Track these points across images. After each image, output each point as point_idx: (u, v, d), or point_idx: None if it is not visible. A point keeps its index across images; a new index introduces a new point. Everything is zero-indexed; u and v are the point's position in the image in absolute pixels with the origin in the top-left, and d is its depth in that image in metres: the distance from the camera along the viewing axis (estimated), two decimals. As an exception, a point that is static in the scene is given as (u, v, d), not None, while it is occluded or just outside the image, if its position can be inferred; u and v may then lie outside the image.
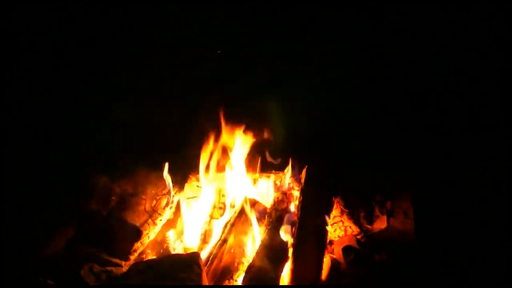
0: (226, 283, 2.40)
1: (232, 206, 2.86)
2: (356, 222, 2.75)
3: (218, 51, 2.95)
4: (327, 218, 2.55)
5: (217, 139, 3.05)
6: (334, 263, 2.56)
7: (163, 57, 3.60)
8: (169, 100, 3.49)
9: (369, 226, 2.76)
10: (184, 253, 2.64)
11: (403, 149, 3.21)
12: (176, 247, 2.76)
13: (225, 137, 3.05)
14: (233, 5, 3.58)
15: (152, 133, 3.29)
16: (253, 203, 2.77)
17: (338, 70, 3.47)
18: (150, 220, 2.78)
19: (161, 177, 2.95)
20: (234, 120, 3.08)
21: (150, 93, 3.52)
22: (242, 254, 2.52)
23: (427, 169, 3.07)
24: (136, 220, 2.74)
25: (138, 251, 2.69)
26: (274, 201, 2.80)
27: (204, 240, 2.71)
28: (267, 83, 3.56)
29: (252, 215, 2.67)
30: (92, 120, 3.29)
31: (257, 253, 2.36)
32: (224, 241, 2.49)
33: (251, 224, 2.65)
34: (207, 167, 3.00)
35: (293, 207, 2.75)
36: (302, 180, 2.74)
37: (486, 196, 2.81)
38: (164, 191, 2.95)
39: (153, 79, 3.57)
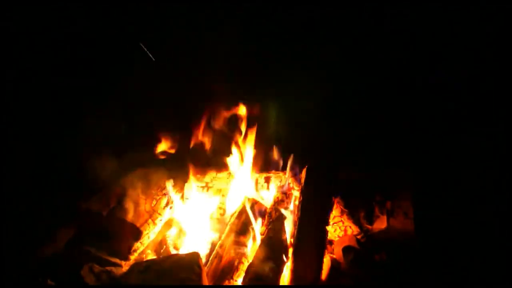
0: (226, 283, 2.40)
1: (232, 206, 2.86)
2: (356, 222, 2.75)
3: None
4: (327, 218, 2.55)
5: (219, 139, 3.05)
6: (334, 263, 2.56)
7: (163, 57, 3.60)
8: (170, 100, 3.49)
9: (369, 226, 2.76)
10: (184, 253, 2.63)
11: (403, 149, 3.21)
12: (176, 247, 2.76)
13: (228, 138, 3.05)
14: (233, 5, 3.58)
15: (152, 132, 3.29)
16: (253, 203, 2.77)
17: (338, 70, 3.47)
18: (150, 220, 2.78)
19: (161, 177, 2.95)
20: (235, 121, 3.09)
21: (151, 93, 3.52)
22: (242, 254, 2.52)
23: (427, 169, 3.07)
24: (136, 220, 2.74)
25: (138, 251, 2.69)
26: (274, 201, 2.80)
27: (204, 240, 2.71)
28: (267, 84, 3.56)
29: (252, 215, 2.67)
30: (91, 120, 3.28)
31: (257, 253, 2.36)
32: (224, 241, 2.49)
33: (251, 224, 2.64)
34: (208, 167, 3.00)
35: (293, 207, 2.75)
36: (302, 180, 2.74)
37: (486, 196, 2.81)
38: (164, 191, 2.95)
39: (153, 79, 3.57)
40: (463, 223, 2.69)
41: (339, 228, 2.75)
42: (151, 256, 2.74)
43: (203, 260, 2.34)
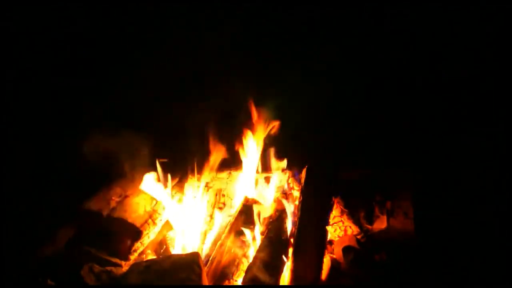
0: (226, 283, 2.40)
1: (232, 206, 2.86)
2: (356, 222, 2.75)
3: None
4: (327, 218, 2.55)
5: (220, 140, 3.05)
6: (334, 263, 2.56)
7: (163, 56, 3.60)
8: (170, 100, 3.50)
9: (369, 226, 2.76)
10: (184, 253, 2.64)
11: (403, 149, 3.21)
12: (176, 247, 2.76)
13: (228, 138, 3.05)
14: (233, 5, 3.59)
15: (152, 132, 3.29)
16: (253, 203, 2.76)
17: (339, 70, 3.47)
18: (150, 220, 2.78)
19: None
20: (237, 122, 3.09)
21: (151, 93, 3.52)
22: (242, 254, 2.52)
23: (427, 169, 3.07)
24: (136, 220, 2.74)
25: (138, 251, 2.69)
26: (274, 201, 2.80)
27: (204, 240, 2.71)
28: (267, 83, 3.55)
29: (252, 215, 2.67)
30: (91, 120, 3.29)
31: (257, 253, 2.36)
32: (224, 241, 2.49)
33: (251, 224, 2.64)
34: (208, 167, 3.00)
35: (293, 207, 2.75)
36: (302, 180, 2.74)
37: (486, 196, 2.81)
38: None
39: (153, 78, 3.57)
40: (463, 223, 2.69)
41: (339, 228, 2.75)
42: (151, 256, 2.75)
43: (203, 260, 2.34)
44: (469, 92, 3.32)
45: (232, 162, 3.07)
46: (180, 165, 3.08)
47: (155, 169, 2.94)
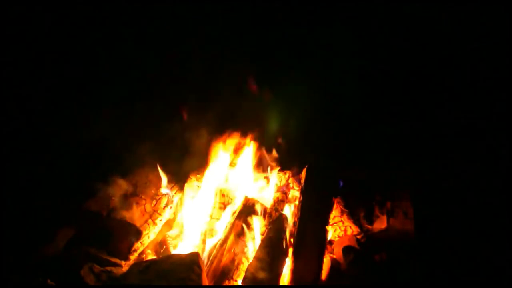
0: (226, 283, 2.40)
1: (232, 206, 2.86)
2: (356, 222, 2.75)
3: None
4: (327, 218, 2.55)
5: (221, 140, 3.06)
6: (334, 263, 2.56)
7: (164, 57, 3.61)
8: (170, 101, 3.50)
9: (369, 226, 2.76)
10: (184, 253, 2.63)
11: (403, 149, 3.21)
12: (176, 247, 2.76)
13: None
14: (233, 3, 3.59)
15: (152, 133, 3.29)
16: (253, 203, 2.76)
17: (338, 70, 3.47)
18: (150, 220, 2.78)
19: (161, 178, 2.95)
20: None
21: (151, 93, 3.52)
22: (242, 254, 2.52)
23: (426, 169, 3.07)
24: (136, 220, 2.74)
25: (138, 251, 2.69)
26: (274, 201, 2.80)
27: (204, 240, 2.71)
28: (267, 83, 3.56)
29: (252, 215, 2.66)
30: (92, 120, 3.29)
31: (257, 253, 2.36)
32: (224, 241, 2.49)
33: (251, 224, 2.64)
34: (208, 167, 3.01)
35: (293, 207, 2.75)
36: (302, 180, 2.74)
37: (486, 196, 2.81)
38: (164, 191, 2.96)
39: (154, 79, 3.57)
40: (463, 223, 2.70)
41: (339, 228, 2.75)
42: (151, 256, 2.75)
43: (203, 260, 2.34)
44: (469, 92, 3.32)
45: (232, 162, 3.07)
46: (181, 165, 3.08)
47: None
